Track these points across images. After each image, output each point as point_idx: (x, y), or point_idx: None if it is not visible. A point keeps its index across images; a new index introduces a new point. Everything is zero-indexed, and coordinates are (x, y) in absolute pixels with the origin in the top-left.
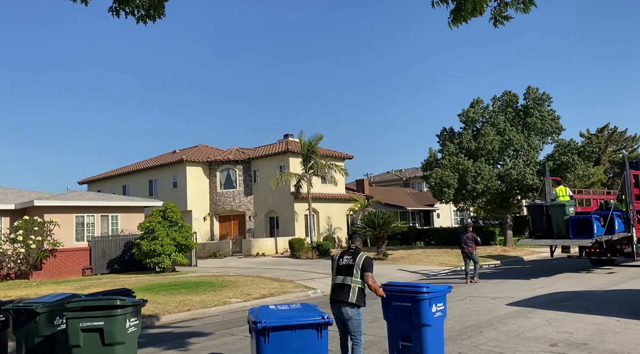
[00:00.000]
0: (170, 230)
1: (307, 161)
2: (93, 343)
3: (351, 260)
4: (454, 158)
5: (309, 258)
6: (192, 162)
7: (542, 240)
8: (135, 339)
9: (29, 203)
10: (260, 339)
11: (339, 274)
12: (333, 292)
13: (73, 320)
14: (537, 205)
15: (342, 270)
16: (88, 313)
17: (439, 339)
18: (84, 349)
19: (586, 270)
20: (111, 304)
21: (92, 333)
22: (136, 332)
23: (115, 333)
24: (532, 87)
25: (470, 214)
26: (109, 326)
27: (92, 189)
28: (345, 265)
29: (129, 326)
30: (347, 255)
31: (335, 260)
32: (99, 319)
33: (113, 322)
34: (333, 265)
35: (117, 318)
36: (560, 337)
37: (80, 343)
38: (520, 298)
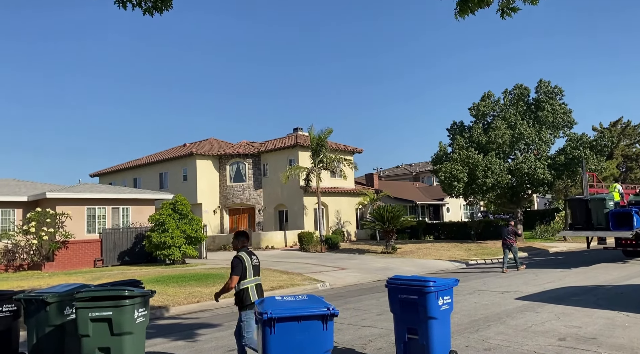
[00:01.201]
0: (181, 223)
1: (316, 155)
2: (102, 333)
3: (257, 260)
4: (464, 152)
5: (318, 252)
6: (202, 156)
7: (582, 232)
8: (144, 330)
9: (41, 195)
10: (266, 330)
11: (256, 275)
12: (261, 292)
13: (82, 310)
14: (577, 198)
15: (256, 270)
16: (97, 303)
17: (446, 332)
18: (93, 338)
19: (621, 260)
20: (120, 295)
21: (101, 322)
22: (144, 322)
23: (123, 323)
24: (543, 80)
25: (480, 208)
26: (118, 316)
27: (104, 182)
28: (257, 265)
29: (137, 316)
30: (253, 255)
31: (248, 261)
32: (107, 310)
33: (121, 312)
34: (248, 265)
35: (126, 308)
36: (568, 331)
37: (89, 332)
38: (529, 292)
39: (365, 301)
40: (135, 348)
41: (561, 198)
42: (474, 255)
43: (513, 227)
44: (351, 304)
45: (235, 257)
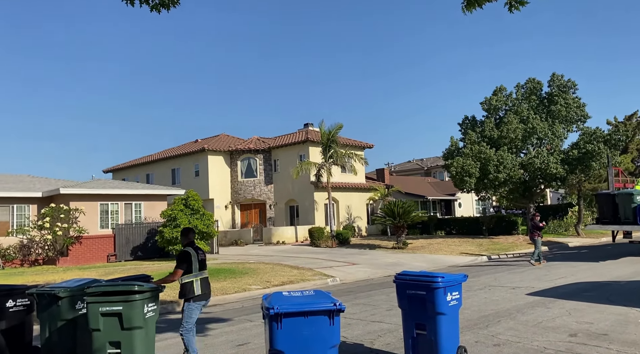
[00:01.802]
0: (192, 218)
1: (327, 150)
2: (112, 327)
3: (203, 255)
4: (475, 146)
5: (328, 247)
6: (214, 151)
7: (609, 226)
8: (154, 324)
9: (55, 191)
10: (273, 325)
11: (202, 269)
12: (206, 286)
13: (93, 305)
14: (605, 193)
15: (202, 265)
16: (107, 298)
17: (455, 327)
18: (104, 333)
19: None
20: (129, 290)
21: (112, 317)
22: (154, 317)
23: (133, 317)
24: (556, 73)
25: (493, 204)
26: (127, 311)
27: (117, 177)
28: (203, 260)
29: (147, 311)
30: (200, 250)
31: (194, 256)
32: (117, 304)
33: (131, 307)
34: (194, 260)
35: (135, 303)
36: (580, 327)
37: (100, 326)
38: (541, 288)
39: (375, 296)
40: (146, 343)
41: (574, 193)
42: (485, 251)
43: (537, 221)
44: (361, 299)
45: (182, 251)
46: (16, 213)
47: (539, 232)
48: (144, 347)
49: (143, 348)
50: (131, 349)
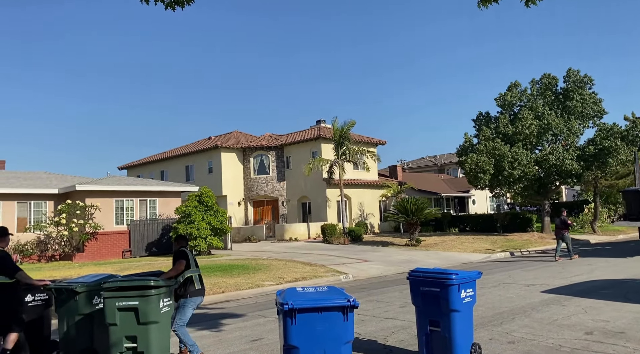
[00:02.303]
0: (206, 214)
1: (339, 147)
2: (128, 322)
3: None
4: (490, 143)
5: (341, 244)
6: (227, 148)
7: (637, 222)
8: (169, 319)
9: (71, 187)
10: (287, 321)
11: (197, 267)
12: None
13: (110, 299)
14: (633, 190)
15: (196, 263)
16: (124, 293)
17: (469, 324)
18: (120, 327)
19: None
20: (145, 285)
21: (128, 312)
22: (169, 312)
23: (149, 312)
24: (572, 69)
25: (507, 200)
26: (144, 305)
27: (131, 174)
28: (195, 259)
29: (163, 306)
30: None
31: (190, 254)
32: (134, 299)
33: (147, 302)
34: (191, 258)
35: (151, 298)
36: (596, 325)
37: (116, 321)
38: (556, 285)
39: (388, 293)
40: (161, 337)
41: (590, 189)
42: (499, 248)
43: (565, 217)
44: (374, 296)
45: (180, 250)
46: (33, 209)
47: (567, 229)
48: (160, 341)
49: (159, 342)
50: (147, 343)
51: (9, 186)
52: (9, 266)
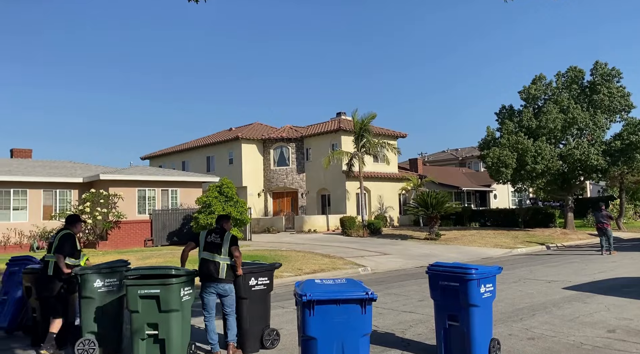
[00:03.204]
0: (226, 205)
1: (359, 139)
2: (150, 309)
3: (218, 239)
4: (513, 137)
5: (359, 236)
6: (247, 140)
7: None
8: (189, 307)
9: (95, 176)
10: (305, 312)
11: (206, 251)
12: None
13: (132, 287)
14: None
15: (208, 247)
16: (146, 281)
17: (488, 320)
18: (142, 314)
19: None
20: (167, 274)
21: (150, 300)
22: (190, 301)
23: (170, 300)
24: (600, 61)
25: (529, 195)
26: (165, 294)
27: (154, 164)
28: (212, 243)
29: (183, 294)
30: (214, 233)
31: (201, 238)
32: (155, 287)
33: (168, 290)
34: (201, 243)
35: (172, 287)
36: (619, 323)
37: (138, 308)
38: (578, 282)
39: (406, 287)
40: (181, 325)
41: (616, 185)
42: (520, 243)
43: (606, 211)
44: (392, 289)
45: (234, 236)
46: (59, 197)
47: (608, 222)
48: (180, 329)
49: (179, 330)
50: (168, 330)
51: (36, 174)
52: (64, 244)
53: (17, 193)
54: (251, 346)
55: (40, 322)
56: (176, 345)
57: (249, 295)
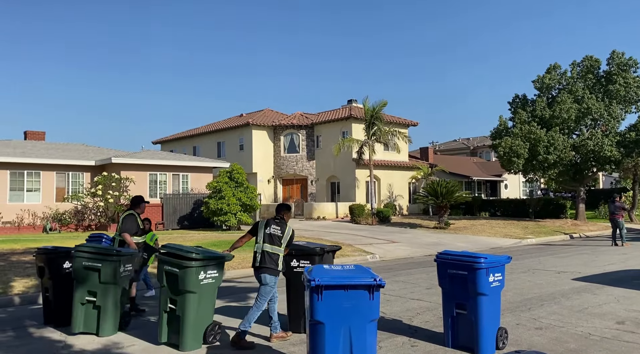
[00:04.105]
0: (236, 191)
1: (370, 127)
2: (172, 286)
3: (278, 231)
4: (525, 126)
5: (368, 224)
6: (258, 126)
7: None
8: (212, 290)
9: (107, 160)
10: (313, 297)
11: (264, 242)
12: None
13: (160, 264)
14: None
15: (267, 238)
16: (170, 259)
17: (496, 309)
18: (167, 289)
19: None
20: (186, 256)
21: (172, 277)
22: (213, 284)
23: (187, 282)
24: (617, 51)
25: (541, 186)
26: (182, 274)
27: (165, 149)
28: (271, 235)
29: (204, 277)
30: (275, 225)
31: (259, 228)
32: (175, 267)
33: (185, 272)
34: (259, 232)
35: (190, 269)
36: (628, 315)
37: (164, 283)
38: (588, 273)
39: (414, 274)
40: (198, 306)
41: (629, 177)
42: (530, 233)
43: (620, 202)
44: (400, 277)
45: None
46: (71, 180)
47: (621, 213)
48: (196, 310)
49: (194, 310)
50: (183, 309)
51: (49, 157)
52: (127, 224)
53: (31, 175)
54: (295, 326)
55: (52, 301)
56: (190, 324)
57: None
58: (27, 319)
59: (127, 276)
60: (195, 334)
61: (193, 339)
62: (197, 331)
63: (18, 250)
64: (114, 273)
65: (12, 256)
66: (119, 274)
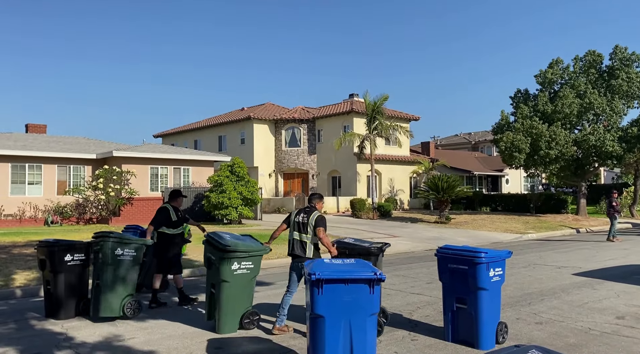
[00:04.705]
0: (238, 185)
1: (371, 122)
2: (213, 272)
3: (305, 218)
4: (527, 121)
5: (369, 218)
6: (259, 120)
7: None
8: (246, 281)
9: (109, 153)
10: (314, 290)
11: (295, 231)
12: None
13: (206, 251)
14: None
15: (296, 227)
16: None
17: (496, 303)
18: (210, 274)
19: None
20: (221, 247)
21: (212, 265)
22: (247, 274)
23: (222, 271)
24: (620, 46)
25: (542, 181)
26: (218, 263)
27: (166, 142)
28: (300, 223)
29: (237, 268)
30: (303, 213)
31: (291, 218)
32: (213, 256)
33: (220, 262)
34: (291, 222)
35: (223, 260)
36: (628, 310)
37: (208, 268)
38: (588, 268)
39: (415, 269)
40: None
41: (631, 172)
42: (531, 228)
43: (613, 199)
44: (401, 271)
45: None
46: (72, 173)
47: (612, 211)
48: (230, 297)
49: (228, 297)
50: (219, 295)
51: (50, 150)
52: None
53: (32, 168)
54: None
55: (53, 294)
56: (224, 309)
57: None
58: (28, 312)
59: (127, 260)
60: (231, 319)
61: (228, 324)
62: (233, 316)
63: (20, 243)
64: (110, 254)
65: (13, 248)
66: (115, 256)
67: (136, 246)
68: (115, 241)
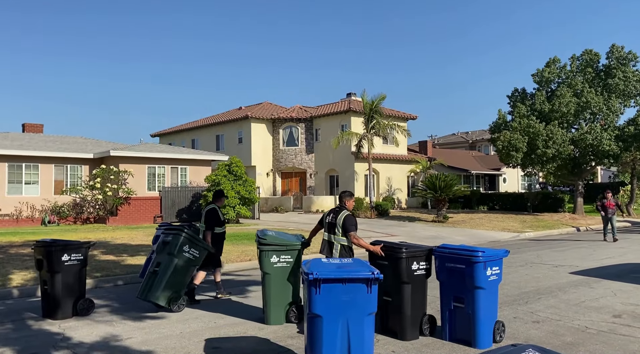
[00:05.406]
0: (235, 184)
1: (369, 121)
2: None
3: (333, 219)
4: (524, 120)
5: (367, 218)
6: (257, 119)
7: None
8: (287, 273)
9: (106, 153)
10: (311, 290)
11: (325, 231)
12: (322, 248)
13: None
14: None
15: (327, 227)
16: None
17: (493, 302)
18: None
19: None
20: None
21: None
22: (287, 268)
23: (262, 263)
24: (616, 45)
25: (539, 180)
26: (260, 255)
27: (163, 142)
28: (329, 223)
29: (277, 261)
30: (332, 213)
31: (323, 218)
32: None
33: (261, 254)
34: (324, 223)
35: (262, 253)
36: (625, 309)
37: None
38: (585, 267)
39: None
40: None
41: (628, 171)
42: (528, 227)
43: (604, 199)
44: None
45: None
46: (70, 172)
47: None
48: (272, 290)
49: (270, 289)
50: (263, 286)
51: (47, 149)
52: (209, 221)
53: (29, 168)
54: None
55: (50, 294)
56: (269, 301)
57: (411, 280)
58: (25, 312)
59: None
60: (277, 311)
61: (274, 315)
62: (278, 308)
63: (16, 243)
64: (178, 248)
65: (10, 248)
66: (182, 251)
67: (202, 248)
68: (187, 238)
